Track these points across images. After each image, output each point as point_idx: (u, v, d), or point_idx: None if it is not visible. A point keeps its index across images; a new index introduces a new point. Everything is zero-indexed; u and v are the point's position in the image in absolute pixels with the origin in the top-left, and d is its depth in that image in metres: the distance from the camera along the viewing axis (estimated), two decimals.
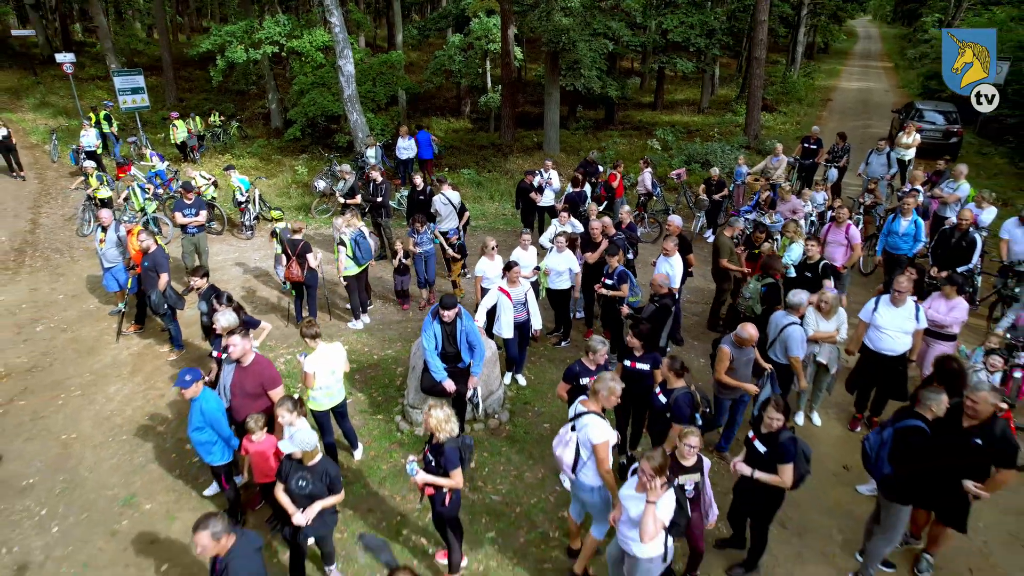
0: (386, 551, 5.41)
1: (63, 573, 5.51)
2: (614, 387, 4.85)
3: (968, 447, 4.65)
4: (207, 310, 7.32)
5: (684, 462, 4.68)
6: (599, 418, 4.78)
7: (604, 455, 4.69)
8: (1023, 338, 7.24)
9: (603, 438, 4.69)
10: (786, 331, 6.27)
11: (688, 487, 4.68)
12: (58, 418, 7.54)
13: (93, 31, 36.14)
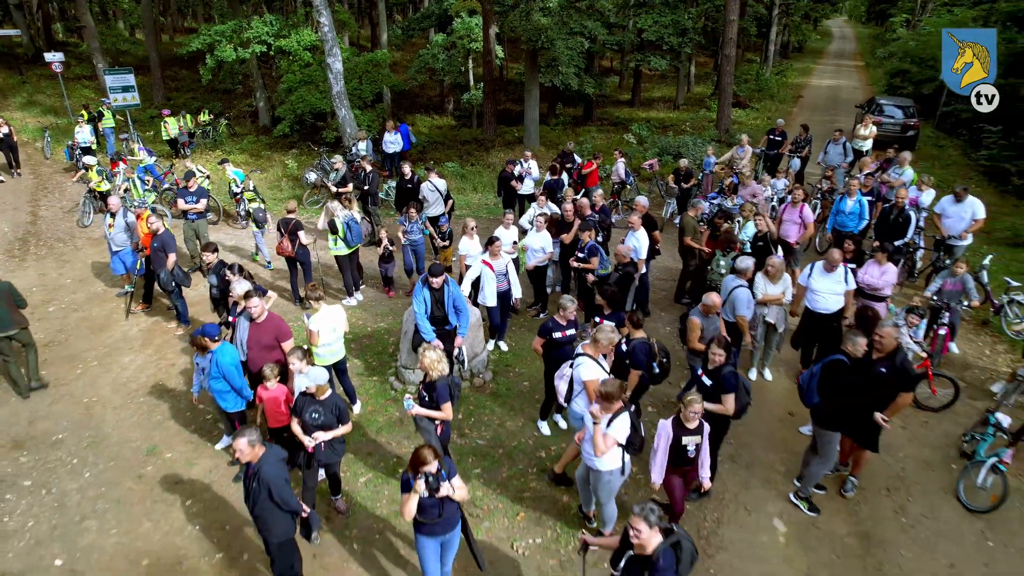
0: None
1: (99, 508, 6.28)
2: (612, 337, 5.79)
3: (877, 376, 5.58)
4: (217, 283, 8.10)
5: (688, 425, 5.21)
6: (592, 361, 5.67)
7: (593, 391, 5.55)
8: (947, 300, 8.22)
9: (592, 377, 5.59)
10: (734, 293, 7.18)
11: (690, 448, 5.25)
12: (79, 384, 8.28)
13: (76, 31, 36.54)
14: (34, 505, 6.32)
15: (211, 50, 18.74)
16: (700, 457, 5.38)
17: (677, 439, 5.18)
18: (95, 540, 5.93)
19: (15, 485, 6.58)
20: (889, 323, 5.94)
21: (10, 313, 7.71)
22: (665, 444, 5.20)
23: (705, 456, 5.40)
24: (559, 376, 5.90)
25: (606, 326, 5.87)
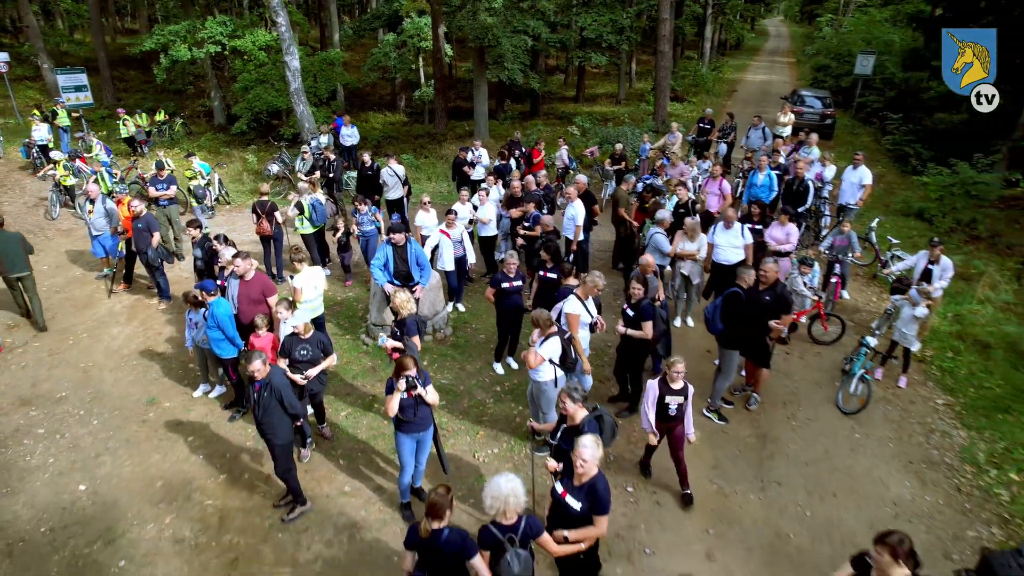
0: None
1: (110, 447, 7.24)
2: (597, 281, 6.94)
3: (764, 303, 7.01)
4: (201, 255, 9.08)
5: (673, 385, 5.95)
6: (578, 301, 6.86)
7: (573, 323, 6.78)
8: (840, 255, 9.79)
9: (574, 311, 6.84)
10: (653, 238, 8.61)
11: (672, 407, 5.98)
12: (73, 353, 9.14)
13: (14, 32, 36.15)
14: (51, 447, 7.25)
15: (165, 50, 19.42)
16: (685, 416, 6.11)
17: (661, 397, 6.00)
18: (111, 470, 6.91)
19: (30, 433, 7.48)
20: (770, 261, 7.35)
21: (24, 256, 8.91)
22: (652, 400, 6.02)
23: (689, 415, 6.13)
24: (554, 310, 7.08)
25: (595, 272, 7.10)
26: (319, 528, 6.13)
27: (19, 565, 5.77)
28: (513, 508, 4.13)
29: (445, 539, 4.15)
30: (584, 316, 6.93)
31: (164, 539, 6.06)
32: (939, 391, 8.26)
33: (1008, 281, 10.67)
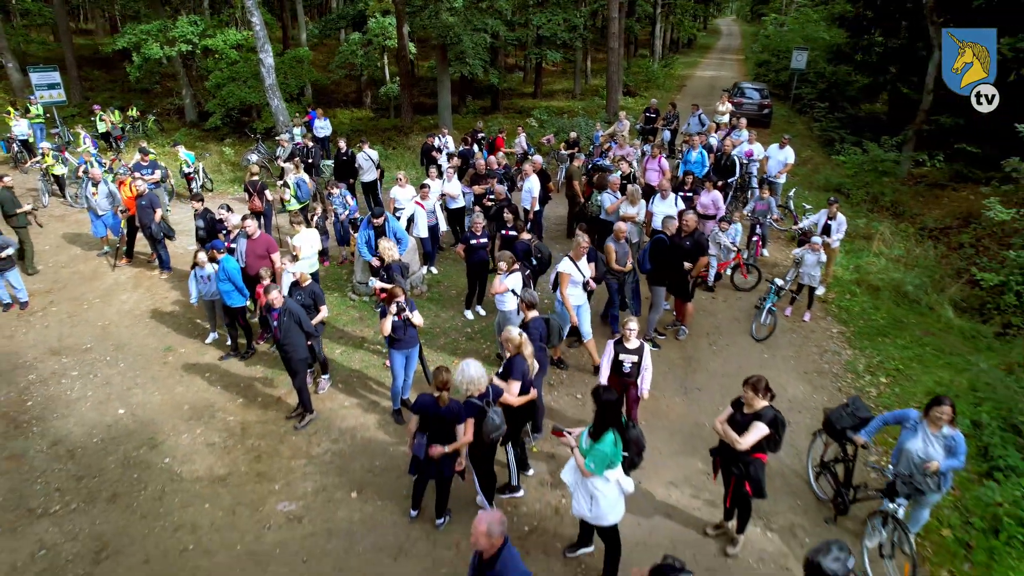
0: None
1: (139, 382, 8.59)
2: (580, 241, 8.25)
3: (683, 247, 8.70)
4: (203, 225, 10.42)
5: (627, 344, 6.65)
6: (571, 261, 8.23)
7: (564, 282, 8.14)
8: (760, 218, 11.58)
9: (566, 270, 8.18)
10: (599, 197, 10.30)
11: (626, 364, 6.66)
12: (90, 315, 10.39)
13: None
14: (87, 384, 8.56)
15: (137, 48, 20.49)
16: (641, 374, 6.76)
17: (616, 355, 6.71)
18: (143, 398, 8.26)
19: (66, 375, 8.77)
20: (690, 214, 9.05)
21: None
22: (608, 358, 6.77)
23: (645, 373, 6.76)
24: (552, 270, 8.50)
25: (579, 236, 8.48)
26: (326, 431, 7.61)
27: (82, 464, 7.12)
28: (480, 384, 5.69)
29: (447, 408, 5.70)
30: (575, 275, 8.21)
31: (198, 444, 7.46)
32: (835, 323, 10.11)
33: (901, 240, 12.65)
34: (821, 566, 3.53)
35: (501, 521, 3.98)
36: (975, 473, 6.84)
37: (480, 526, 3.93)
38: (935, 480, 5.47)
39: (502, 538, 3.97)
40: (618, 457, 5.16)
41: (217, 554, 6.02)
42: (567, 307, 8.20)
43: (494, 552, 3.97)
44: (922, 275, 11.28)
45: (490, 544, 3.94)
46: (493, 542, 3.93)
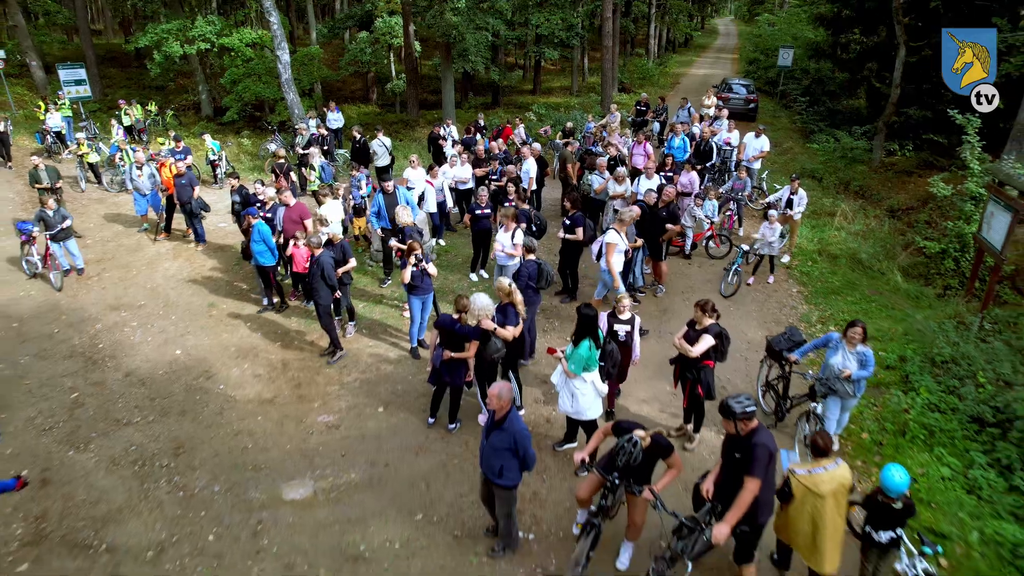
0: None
1: (190, 330, 10.07)
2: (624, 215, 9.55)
3: (659, 215, 10.19)
4: (239, 199, 11.89)
5: (621, 316, 7.37)
6: (616, 232, 9.55)
7: (611, 251, 9.33)
8: (735, 196, 13.07)
9: (612, 241, 9.34)
10: (589, 178, 11.77)
11: (621, 333, 7.40)
12: (139, 279, 11.87)
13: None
14: (146, 332, 10.04)
15: (158, 47, 22.01)
16: (632, 341, 7.48)
17: (610, 326, 7.42)
18: (196, 342, 9.75)
19: (127, 325, 10.25)
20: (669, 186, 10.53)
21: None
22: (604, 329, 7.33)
23: (636, 340, 7.52)
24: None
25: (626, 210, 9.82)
26: (354, 365, 9.10)
27: (153, 389, 8.60)
28: (488, 311, 7.17)
29: (460, 327, 7.18)
30: (620, 245, 9.40)
31: (246, 375, 8.95)
32: (795, 284, 11.59)
33: (862, 217, 14.15)
34: (727, 404, 5.02)
35: (510, 389, 5.44)
36: (896, 391, 8.32)
37: (494, 391, 5.39)
38: (851, 386, 6.94)
39: (510, 402, 5.42)
40: (593, 362, 6.64)
41: (271, 451, 7.50)
42: (613, 273, 9.25)
43: (504, 412, 5.43)
44: (876, 245, 12.78)
45: (500, 405, 5.39)
46: (503, 403, 5.38)
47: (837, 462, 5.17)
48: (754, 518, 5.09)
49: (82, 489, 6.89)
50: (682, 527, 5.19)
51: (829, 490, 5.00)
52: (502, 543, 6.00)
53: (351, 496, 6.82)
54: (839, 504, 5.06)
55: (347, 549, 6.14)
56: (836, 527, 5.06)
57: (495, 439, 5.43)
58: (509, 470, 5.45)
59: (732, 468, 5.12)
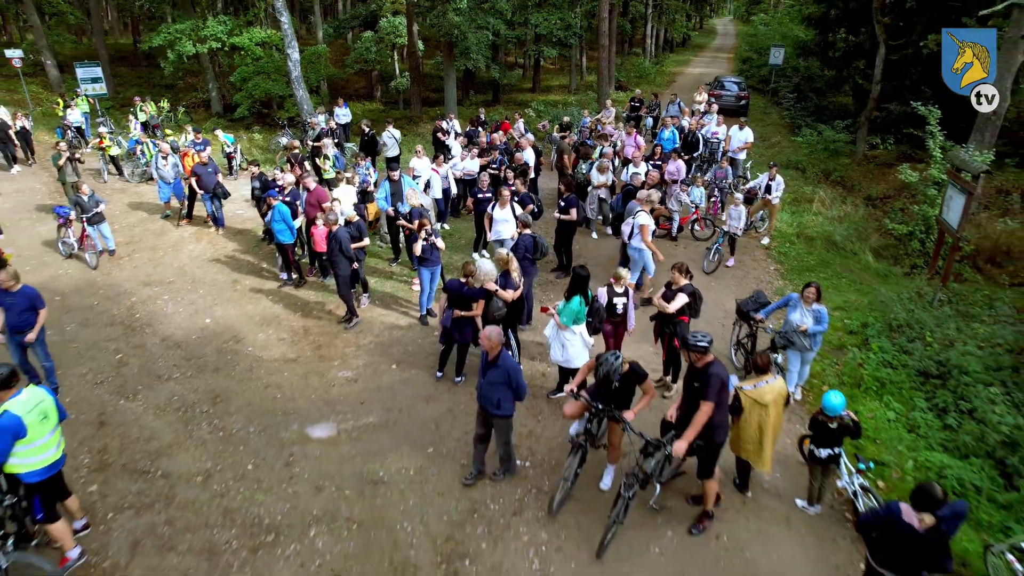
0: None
1: (217, 302, 11.10)
2: (652, 196, 10.79)
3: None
4: (259, 185, 12.92)
5: (617, 289, 8.05)
6: (646, 214, 10.60)
7: (646, 233, 10.28)
8: (718, 183, 14.10)
9: (646, 223, 10.32)
10: (583, 166, 12.82)
11: (618, 306, 8.07)
12: (166, 259, 12.90)
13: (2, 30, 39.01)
14: (177, 304, 11.07)
15: (171, 46, 23.08)
16: (628, 313, 8.21)
17: (610, 299, 8.07)
18: (223, 313, 10.78)
19: (159, 298, 11.28)
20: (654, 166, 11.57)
21: None
22: (603, 300, 8.04)
23: (631, 312, 8.23)
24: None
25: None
26: (369, 330, 10.14)
27: (188, 351, 9.64)
28: (491, 275, 8.21)
29: (468, 289, 8.21)
30: (651, 225, 10.42)
31: (271, 339, 9.98)
32: (773, 263, 12.64)
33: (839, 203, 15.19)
34: (686, 339, 6.04)
35: (499, 333, 6.46)
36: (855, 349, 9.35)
37: (486, 334, 6.39)
38: (808, 340, 7.97)
39: (499, 343, 6.43)
40: (582, 316, 7.68)
41: (298, 400, 8.53)
42: (651, 249, 10.19)
43: (496, 352, 6.44)
44: (850, 228, 13.83)
45: (491, 345, 6.39)
46: (493, 344, 6.38)
47: (776, 376, 6.22)
48: (711, 438, 6.10)
49: (135, 429, 7.92)
50: (648, 446, 6.20)
51: (771, 399, 6.05)
52: (503, 468, 7.02)
53: (370, 435, 7.85)
54: (778, 410, 6.13)
55: (368, 475, 7.17)
56: (775, 429, 6.16)
57: (491, 375, 6.43)
58: (505, 401, 6.46)
59: (691, 396, 6.13)
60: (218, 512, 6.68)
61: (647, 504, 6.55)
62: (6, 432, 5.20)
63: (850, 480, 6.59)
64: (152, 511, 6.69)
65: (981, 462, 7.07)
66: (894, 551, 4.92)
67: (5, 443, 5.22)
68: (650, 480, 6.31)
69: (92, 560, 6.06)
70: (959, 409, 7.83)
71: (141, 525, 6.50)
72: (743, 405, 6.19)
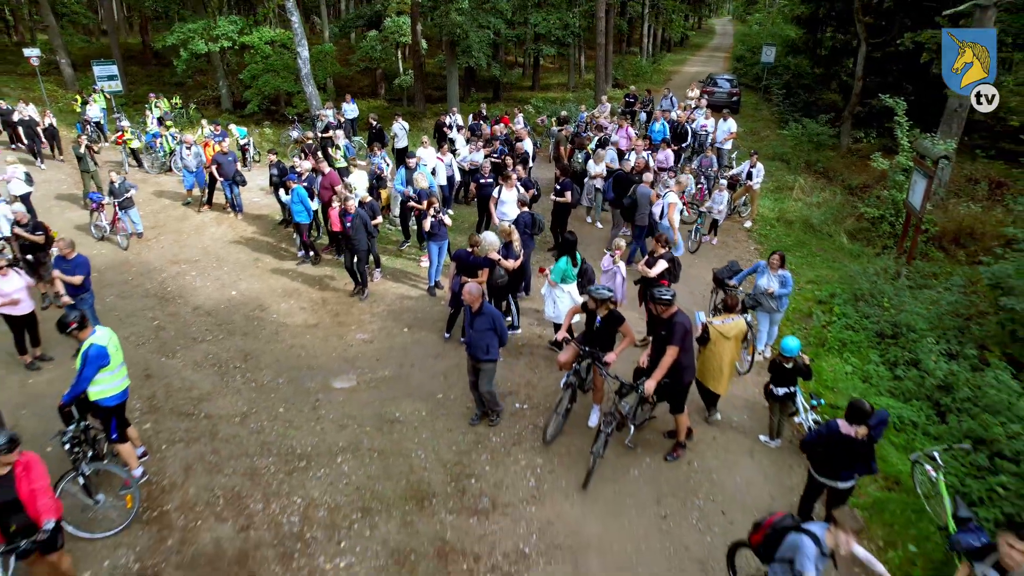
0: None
1: (242, 278, 12.17)
2: (683, 180, 11.87)
3: (633, 179, 12.30)
4: (276, 172, 14.00)
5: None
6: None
7: (672, 211, 11.41)
8: (704, 171, 15.19)
9: (673, 202, 11.47)
10: (578, 155, 13.89)
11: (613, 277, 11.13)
12: (190, 241, 13.98)
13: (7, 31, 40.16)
14: (205, 279, 12.15)
15: (184, 45, 24.19)
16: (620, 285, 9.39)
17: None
18: (247, 286, 11.86)
19: (187, 274, 12.36)
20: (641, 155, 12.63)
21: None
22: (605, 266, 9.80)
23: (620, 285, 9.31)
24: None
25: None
26: (382, 300, 11.22)
27: (218, 318, 10.71)
28: (495, 246, 9.29)
29: (473, 258, 9.28)
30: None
31: (293, 308, 11.06)
32: (754, 243, 13.72)
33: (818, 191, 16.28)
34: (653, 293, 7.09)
35: (479, 288, 7.48)
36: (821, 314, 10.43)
37: (467, 290, 7.36)
38: (775, 302, 9.04)
39: (480, 298, 7.44)
40: (570, 274, 8.77)
41: (320, 358, 9.60)
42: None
43: (479, 305, 7.46)
44: (827, 213, 14.91)
45: (473, 299, 7.38)
46: (475, 298, 7.37)
47: (738, 316, 7.32)
48: (679, 378, 7.13)
49: (177, 381, 9.00)
50: (623, 387, 7.26)
51: (734, 334, 7.15)
52: (490, 409, 8.03)
53: (386, 385, 8.92)
54: (737, 345, 7.24)
55: (386, 415, 8.24)
56: (733, 360, 7.34)
57: (478, 324, 7.42)
58: (492, 347, 7.47)
59: (659, 343, 7.16)
60: (256, 444, 7.76)
61: (624, 443, 7.61)
62: (95, 360, 6.29)
63: (805, 416, 7.66)
64: (199, 443, 7.77)
65: (920, 404, 8.14)
66: (834, 461, 5.98)
67: (92, 371, 6.31)
68: (626, 421, 7.37)
69: (153, 479, 7.14)
70: (906, 362, 8.90)
71: (191, 454, 7.58)
72: (711, 336, 7.28)
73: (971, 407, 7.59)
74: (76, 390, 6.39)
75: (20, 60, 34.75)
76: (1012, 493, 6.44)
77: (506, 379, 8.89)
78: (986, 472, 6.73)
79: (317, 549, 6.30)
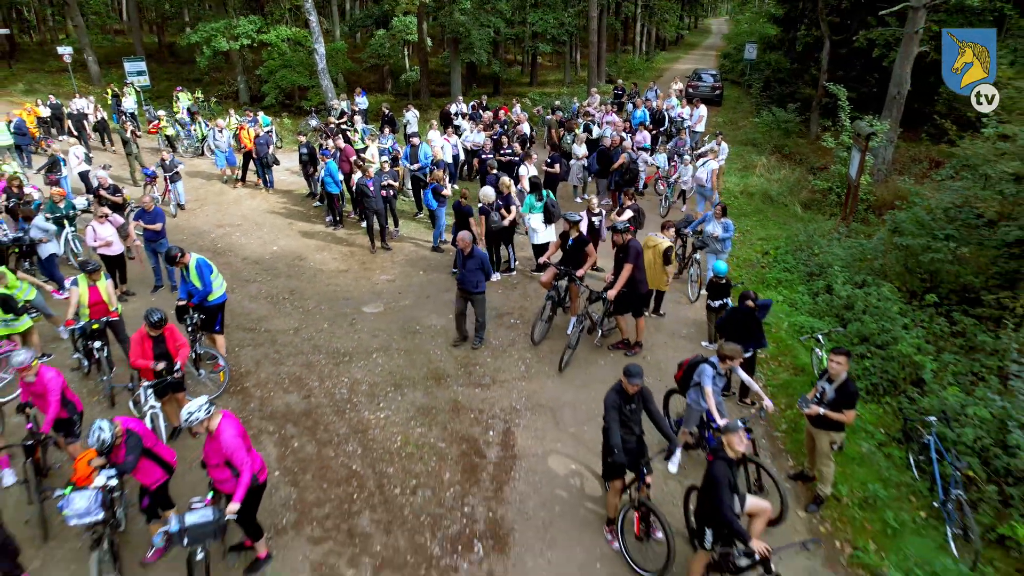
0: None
1: (278, 239, 14.52)
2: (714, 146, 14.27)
3: (610, 154, 14.64)
4: (306, 152, 16.36)
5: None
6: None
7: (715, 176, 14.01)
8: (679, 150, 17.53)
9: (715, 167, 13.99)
10: (567, 137, 16.25)
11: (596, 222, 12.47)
12: (230, 210, 16.33)
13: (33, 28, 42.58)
14: (248, 238, 14.50)
15: (207, 42, 26.61)
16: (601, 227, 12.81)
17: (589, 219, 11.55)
18: (286, 244, 14.21)
19: (233, 234, 14.71)
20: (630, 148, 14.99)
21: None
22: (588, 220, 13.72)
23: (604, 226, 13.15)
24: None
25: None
26: (400, 252, 13.59)
27: (264, 266, 13.07)
28: (491, 197, 11.65)
29: (466, 207, 11.64)
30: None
31: (327, 258, 13.42)
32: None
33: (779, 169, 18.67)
34: (613, 224, 9.45)
35: (469, 236, 9.76)
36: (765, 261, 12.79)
37: (460, 236, 9.70)
38: (719, 244, 11.38)
39: (471, 243, 9.74)
40: (537, 208, 11.32)
41: (353, 292, 11.96)
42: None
43: (470, 248, 9.77)
44: (784, 187, 17.27)
45: (465, 244, 9.69)
46: (467, 243, 9.69)
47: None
48: (635, 289, 9.47)
49: (239, 308, 11.34)
50: (591, 294, 9.62)
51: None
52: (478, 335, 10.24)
53: (408, 309, 11.29)
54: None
55: (409, 328, 10.60)
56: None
57: (469, 264, 9.62)
58: (480, 282, 9.71)
59: (618, 263, 9.50)
60: (309, 346, 10.12)
61: (594, 342, 9.97)
62: (207, 268, 8.69)
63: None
64: (264, 347, 10.13)
65: (830, 319, 10.49)
66: (737, 336, 8.32)
67: (209, 274, 8.69)
68: (595, 326, 9.74)
69: (232, 368, 9.49)
70: (822, 291, 11.27)
71: (258, 354, 9.94)
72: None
73: (864, 317, 9.94)
74: (204, 291, 8.77)
75: (45, 59, 37.38)
76: (878, 368, 8.81)
77: (504, 304, 11.27)
78: (860, 356, 9.09)
79: (362, 407, 8.66)
